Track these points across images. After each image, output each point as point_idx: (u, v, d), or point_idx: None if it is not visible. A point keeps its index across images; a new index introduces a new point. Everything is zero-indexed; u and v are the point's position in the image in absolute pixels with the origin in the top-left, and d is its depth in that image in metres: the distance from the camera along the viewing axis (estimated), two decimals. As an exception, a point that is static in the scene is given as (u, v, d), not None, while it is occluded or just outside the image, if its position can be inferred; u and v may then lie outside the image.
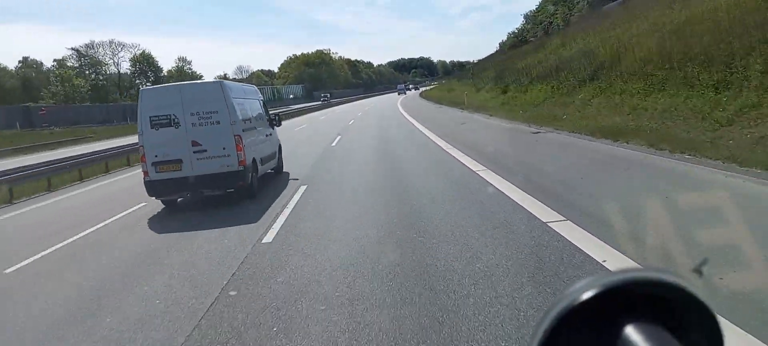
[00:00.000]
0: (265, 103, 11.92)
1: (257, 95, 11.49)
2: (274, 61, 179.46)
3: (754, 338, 2.81)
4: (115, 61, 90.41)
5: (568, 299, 0.54)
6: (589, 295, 0.54)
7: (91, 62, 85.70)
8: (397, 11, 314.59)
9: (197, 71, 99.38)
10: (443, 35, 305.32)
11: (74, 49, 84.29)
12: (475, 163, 9.94)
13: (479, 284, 4.12)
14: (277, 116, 12.35)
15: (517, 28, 59.50)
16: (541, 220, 5.62)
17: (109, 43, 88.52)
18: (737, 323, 2.88)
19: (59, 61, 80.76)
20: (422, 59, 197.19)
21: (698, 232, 4.51)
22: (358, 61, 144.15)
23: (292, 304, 4.19)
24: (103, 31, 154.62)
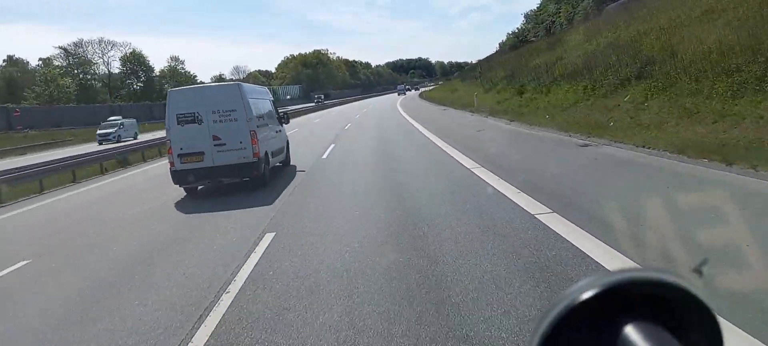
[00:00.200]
0: (274, 102, 12.81)
1: (268, 95, 12.49)
2: (272, 61, 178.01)
3: (754, 339, 2.70)
4: (104, 60, 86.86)
5: (568, 299, 0.52)
6: (588, 295, 0.52)
7: (79, 62, 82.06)
8: (395, 12, 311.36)
9: (191, 71, 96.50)
10: (441, 36, 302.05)
11: (62, 47, 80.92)
12: (523, 196, 6.76)
13: None
14: (285, 114, 13.31)
15: (517, 27, 60.51)
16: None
17: (98, 41, 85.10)
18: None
19: (45, 60, 77.29)
20: (420, 60, 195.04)
21: None
22: (356, 61, 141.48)
23: None
24: (102, 31, 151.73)
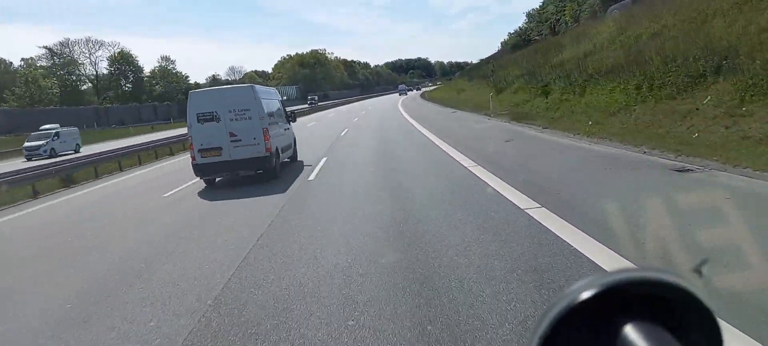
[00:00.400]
0: (283, 102, 13.85)
1: (277, 96, 13.56)
2: (269, 62, 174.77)
3: (753, 339, 2.68)
4: (92, 60, 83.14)
5: (567, 299, 0.52)
6: (588, 295, 0.52)
7: (65, 62, 78.39)
8: (393, 12, 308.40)
9: (183, 71, 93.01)
10: (441, 36, 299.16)
11: (46, 47, 77.29)
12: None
13: None
14: (293, 113, 14.55)
15: (519, 26, 59.34)
16: None
17: (85, 41, 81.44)
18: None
19: (27, 60, 73.63)
20: (420, 60, 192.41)
21: None
22: (354, 61, 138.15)
23: None
24: (96, 33, 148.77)
